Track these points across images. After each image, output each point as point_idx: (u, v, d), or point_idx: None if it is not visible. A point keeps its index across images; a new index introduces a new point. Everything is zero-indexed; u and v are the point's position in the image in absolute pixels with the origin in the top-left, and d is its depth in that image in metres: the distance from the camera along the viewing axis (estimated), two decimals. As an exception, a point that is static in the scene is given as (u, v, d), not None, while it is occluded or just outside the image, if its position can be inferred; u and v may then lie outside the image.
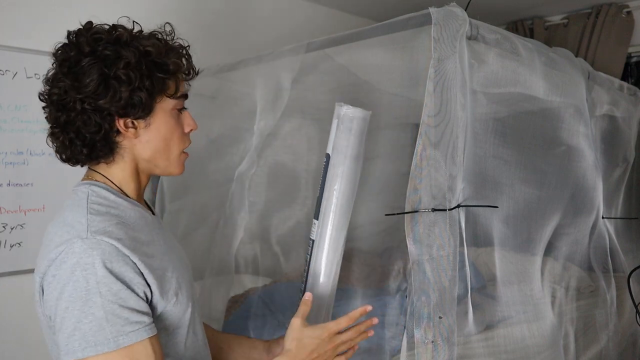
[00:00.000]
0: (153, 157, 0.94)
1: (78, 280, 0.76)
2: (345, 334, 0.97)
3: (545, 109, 1.55)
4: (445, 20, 1.09)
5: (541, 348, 1.52)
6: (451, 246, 1.11)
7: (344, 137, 1.08)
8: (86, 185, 0.92)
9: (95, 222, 0.82)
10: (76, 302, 0.76)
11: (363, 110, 1.09)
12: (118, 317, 0.77)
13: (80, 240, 0.79)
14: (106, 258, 0.78)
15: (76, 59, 0.87)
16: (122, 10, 2.27)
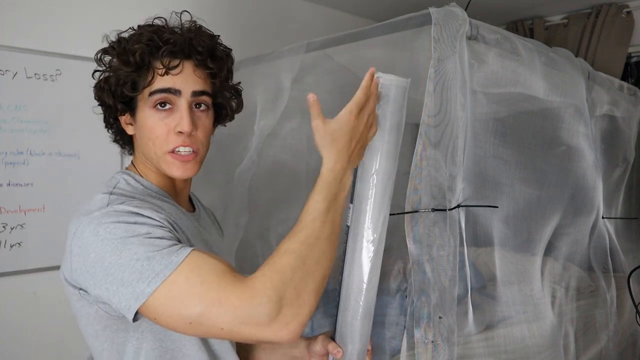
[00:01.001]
0: (146, 153, 0.92)
1: (105, 237, 0.75)
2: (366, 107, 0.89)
3: (545, 109, 1.55)
4: (445, 20, 1.09)
5: (541, 348, 1.52)
6: (451, 246, 1.11)
7: (380, 108, 0.93)
8: (120, 173, 0.94)
9: (115, 201, 0.82)
10: (113, 255, 0.74)
11: (400, 78, 0.96)
12: (159, 246, 0.74)
13: (98, 211, 0.79)
14: (127, 209, 0.78)
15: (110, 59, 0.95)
16: (119, 9, 2.27)
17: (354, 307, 0.96)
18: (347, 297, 0.97)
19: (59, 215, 2.12)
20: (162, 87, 0.87)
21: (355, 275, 0.95)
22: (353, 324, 0.96)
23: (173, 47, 0.87)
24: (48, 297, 2.11)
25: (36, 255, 2.07)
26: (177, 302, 0.72)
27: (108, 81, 0.90)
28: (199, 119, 0.91)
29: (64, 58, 2.11)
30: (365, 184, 0.95)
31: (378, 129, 0.92)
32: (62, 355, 2.15)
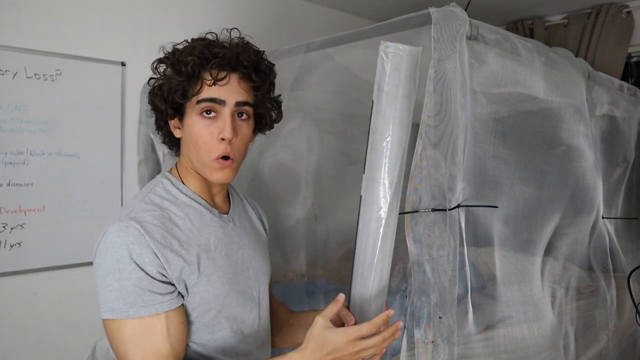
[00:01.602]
0: (191, 157, 1.00)
1: (106, 255, 0.88)
2: (369, 340, 0.90)
3: (545, 109, 1.55)
4: (445, 20, 1.09)
5: (541, 348, 1.52)
6: (451, 246, 1.11)
7: (393, 76, 0.94)
8: (161, 176, 1.04)
9: (138, 209, 0.93)
10: (103, 272, 0.89)
11: (411, 47, 0.96)
12: (130, 294, 0.87)
13: (118, 222, 0.90)
14: (129, 240, 0.88)
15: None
16: (119, 9, 2.27)
17: (367, 276, 0.98)
18: (361, 266, 0.98)
19: (59, 215, 2.12)
20: (208, 96, 0.95)
21: (369, 244, 0.97)
22: (367, 294, 0.97)
23: (221, 61, 0.95)
24: (48, 297, 2.11)
25: (36, 255, 2.07)
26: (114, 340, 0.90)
27: (161, 88, 0.98)
28: (240, 127, 0.99)
29: (64, 58, 2.11)
30: (377, 152, 0.96)
31: (390, 98, 0.96)
32: (62, 355, 2.16)
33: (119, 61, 2.26)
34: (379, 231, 0.96)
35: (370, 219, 0.97)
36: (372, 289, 0.98)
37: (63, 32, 2.11)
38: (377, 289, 0.99)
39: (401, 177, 0.97)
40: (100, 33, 2.21)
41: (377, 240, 0.97)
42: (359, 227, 1.00)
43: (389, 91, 0.95)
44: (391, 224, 0.97)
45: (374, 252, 0.97)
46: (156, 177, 1.05)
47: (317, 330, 0.90)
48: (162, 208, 0.96)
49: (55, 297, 2.12)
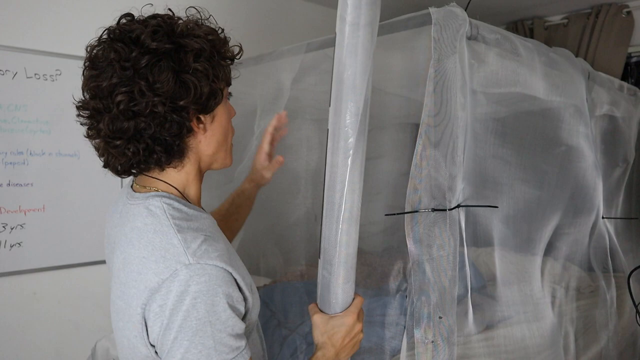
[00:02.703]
0: (216, 151, 0.90)
1: (188, 310, 0.73)
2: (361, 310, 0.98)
3: (545, 109, 1.55)
4: (445, 20, 1.09)
5: (541, 348, 1.52)
6: (451, 246, 1.11)
7: (355, 5, 0.90)
8: (156, 197, 0.84)
9: (188, 242, 0.77)
10: (186, 332, 0.73)
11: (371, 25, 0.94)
12: (224, 346, 0.75)
13: (185, 267, 0.74)
14: (214, 283, 0.75)
15: (139, 58, 0.78)
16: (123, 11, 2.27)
17: (337, 210, 0.94)
18: (330, 200, 0.96)
19: (59, 215, 2.12)
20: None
21: (338, 176, 0.94)
22: (338, 228, 0.94)
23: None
24: (48, 297, 2.11)
25: (36, 255, 2.07)
26: None
27: (213, 74, 0.84)
28: None
29: (64, 58, 2.11)
30: (341, 84, 0.93)
31: (352, 28, 0.92)
32: (62, 355, 2.16)
33: (119, 61, 2.26)
34: (346, 162, 0.92)
35: (338, 150, 0.93)
36: (342, 221, 0.94)
37: (63, 32, 2.11)
38: (349, 220, 0.95)
39: (367, 107, 0.94)
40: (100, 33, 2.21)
41: (346, 171, 0.93)
42: (327, 160, 0.97)
43: (351, 21, 0.91)
44: (359, 154, 0.93)
45: (343, 185, 0.93)
46: (150, 204, 0.84)
47: (322, 325, 0.94)
48: (198, 229, 0.82)
49: (55, 297, 2.12)
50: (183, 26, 0.83)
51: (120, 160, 0.84)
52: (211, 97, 0.84)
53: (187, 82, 0.80)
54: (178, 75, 0.79)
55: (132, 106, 0.78)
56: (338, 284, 0.95)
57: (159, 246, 0.78)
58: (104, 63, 0.80)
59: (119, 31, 0.82)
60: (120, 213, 0.90)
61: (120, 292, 0.81)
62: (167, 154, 0.83)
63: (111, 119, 0.79)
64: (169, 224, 0.80)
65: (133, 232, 0.82)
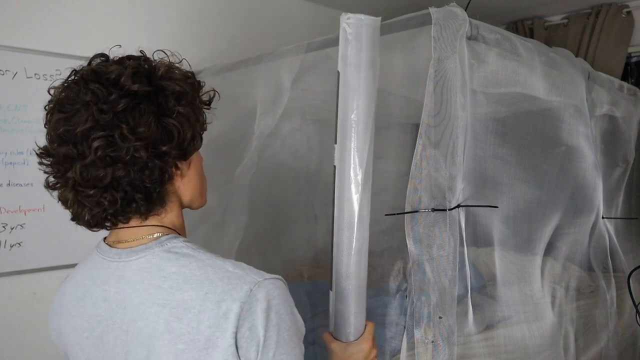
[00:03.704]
0: (193, 196, 0.87)
1: (277, 324, 0.74)
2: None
3: (545, 109, 1.55)
4: (445, 20, 1.09)
5: (541, 348, 1.52)
6: (451, 246, 1.11)
7: (354, 47, 0.95)
8: (173, 240, 0.81)
9: (237, 266, 0.77)
10: (282, 345, 0.74)
11: (371, 17, 0.97)
12: (301, 351, 0.78)
13: (257, 285, 0.73)
14: (285, 294, 0.78)
15: (118, 100, 0.73)
16: (119, 9, 2.27)
17: (347, 244, 0.98)
18: (339, 235, 0.99)
19: (59, 215, 2.11)
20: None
21: (345, 213, 0.98)
22: (347, 261, 0.98)
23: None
24: (48, 297, 2.11)
25: (36, 255, 2.07)
26: None
27: (199, 120, 0.83)
28: None
29: (64, 58, 2.11)
30: (346, 123, 0.97)
31: (353, 68, 0.96)
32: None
33: (119, 61, 2.26)
34: (355, 198, 0.97)
35: (345, 186, 0.97)
36: (352, 254, 0.98)
37: (63, 32, 2.11)
38: (358, 254, 0.98)
39: (371, 146, 1.00)
40: (100, 33, 2.21)
41: (354, 209, 0.97)
42: (335, 196, 1.00)
43: (352, 62, 0.96)
44: (366, 192, 0.98)
45: (352, 222, 0.97)
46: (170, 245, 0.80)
47: (340, 353, 0.99)
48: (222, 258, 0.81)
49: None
50: (163, 68, 0.79)
51: (93, 211, 0.79)
52: (192, 142, 0.81)
53: (170, 126, 0.76)
54: (160, 119, 0.75)
55: (111, 152, 0.72)
56: (351, 313, 1.00)
57: (218, 277, 0.74)
58: (76, 105, 0.74)
59: (94, 72, 0.76)
60: (105, 285, 0.83)
61: (175, 341, 0.74)
62: (147, 202, 0.78)
63: (85, 166, 0.73)
64: (209, 256, 0.78)
65: (171, 280, 0.76)
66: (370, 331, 1.02)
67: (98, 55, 0.81)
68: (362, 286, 1.01)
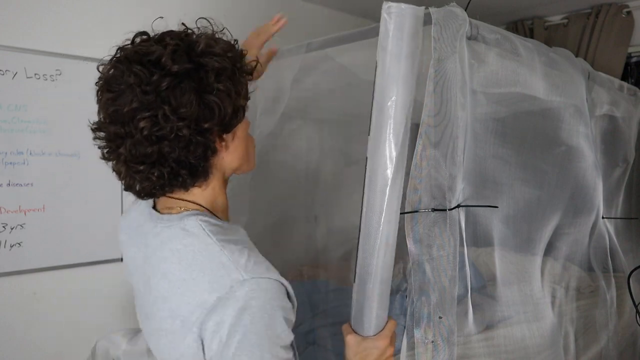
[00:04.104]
0: (239, 164, 0.91)
1: (246, 326, 0.73)
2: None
3: (545, 109, 1.55)
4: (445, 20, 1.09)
5: (541, 348, 1.52)
6: (451, 246, 1.11)
7: (396, 36, 0.92)
8: (191, 217, 0.84)
9: (236, 257, 0.77)
10: (245, 347, 0.73)
11: (416, 7, 0.94)
12: (279, 359, 0.76)
13: (240, 283, 0.74)
14: (270, 298, 0.75)
15: (161, 81, 0.75)
16: (119, 10, 2.27)
17: (374, 239, 0.96)
18: (367, 228, 0.97)
19: (59, 215, 2.12)
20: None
21: (376, 206, 0.96)
22: (373, 255, 0.96)
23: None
24: (48, 297, 2.11)
25: (36, 255, 2.07)
26: None
27: (240, 94, 0.84)
28: None
29: (64, 58, 2.11)
30: (382, 113, 0.93)
31: (393, 58, 0.92)
32: (62, 355, 2.16)
33: (119, 61, 2.26)
34: (385, 191, 0.94)
35: (376, 180, 0.95)
36: (378, 250, 0.96)
37: (63, 32, 2.11)
38: (385, 248, 0.97)
39: (406, 138, 0.96)
40: (100, 33, 2.21)
41: (384, 202, 0.94)
42: (365, 189, 0.97)
43: (392, 51, 0.92)
44: (397, 184, 0.95)
45: (380, 215, 0.95)
46: (186, 224, 0.83)
47: (355, 347, 0.96)
48: (237, 242, 0.81)
49: (55, 297, 2.12)
50: (203, 44, 0.80)
51: (143, 184, 0.83)
52: (234, 116, 0.83)
53: (211, 103, 0.78)
54: (201, 96, 0.77)
55: (156, 131, 0.76)
56: (372, 308, 0.98)
57: (208, 265, 0.77)
58: (122, 86, 0.77)
59: (136, 52, 0.78)
60: (146, 236, 0.89)
61: (169, 314, 0.80)
62: (192, 176, 0.82)
63: (133, 143, 0.77)
64: (212, 242, 0.79)
65: (174, 256, 0.81)
66: (390, 328, 0.99)
67: (140, 34, 0.83)
68: (386, 281, 0.98)
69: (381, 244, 0.96)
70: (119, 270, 2.29)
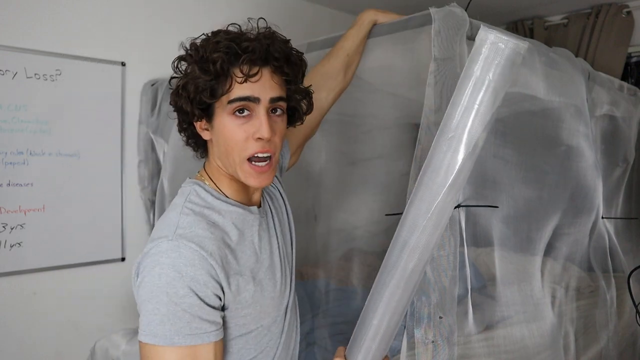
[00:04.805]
0: (222, 157, 0.93)
1: (154, 276, 0.82)
2: None
3: (546, 109, 1.55)
4: (445, 20, 1.09)
5: (541, 348, 1.52)
6: (451, 246, 1.11)
7: (486, 68, 0.84)
8: (191, 184, 0.96)
9: (183, 223, 0.87)
10: (148, 294, 0.82)
11: (518, 42, 0.83)
12: (179, 319, 0.80)
13: (167, 241, 0.84)
14: (181, 262, 0.82)
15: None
16: (119, 10, 2.27)
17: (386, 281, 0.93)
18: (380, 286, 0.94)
19: (59, 215, 2.12)
20: (241, 95, 0.87)
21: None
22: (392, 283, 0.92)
23: (252, 55, 0.87)
24: (48, 297, 2.11)
25: (36, 255, 2.07)
26: None
27: (186, 88, 0.89)
28: (276, 124, 0.92)
29: (64, 58, 2.11)
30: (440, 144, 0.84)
31: (477, 85, 0.84)
32: (62, 355, 2.16)
33: (119, 61, 2.26)
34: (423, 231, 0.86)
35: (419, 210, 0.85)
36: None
37: (63, 32, 2.11)
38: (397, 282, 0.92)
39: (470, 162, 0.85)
40: (100, 33, 2.21)
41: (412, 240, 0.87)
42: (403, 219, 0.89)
43: (478, 78, 0.84)
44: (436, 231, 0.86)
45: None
46: (185, 185, 0.98)
47: None
48: (205, 216, 0.89)
49: (55, 297, 2.12)
50: (205, 39, 0.92)
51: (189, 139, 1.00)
52: (188, 107, 0.91)
53: (182, 89, 0.90)
54: (183, 82, 0.91)
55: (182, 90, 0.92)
56: (370, 349, 0.93)
57: (165, 221, 0.89)
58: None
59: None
60: None
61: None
62: (195, 143, 0.98)
63: (186, 96, 0.92)
64: (182, 205, 0.90)
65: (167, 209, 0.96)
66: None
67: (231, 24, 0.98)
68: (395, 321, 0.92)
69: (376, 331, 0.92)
70: (119, 270, 2.29)
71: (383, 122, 2.29)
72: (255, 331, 0.94)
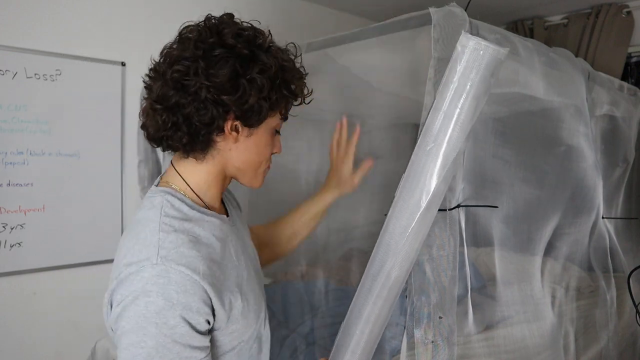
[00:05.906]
0: (243, 167, 0.94)
1: (139, 305, 0.75)
2: None
3: (545, 109, 1.55)
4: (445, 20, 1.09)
5: (541, 348, 1.52)
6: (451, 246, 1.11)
7: (466, 74, 0.83)
8: (162, 193, 0.88)
9: (166, 243, 0.79)
10: (133, 325, 0.75)
11: (498, 47, 0.84)
12: (169, 351, 0.75)
13: (151, 265, 0.76)
14: (172, 288, 0.75)
15: (213, 47, 0.84)
16: (119, 10, 2.27)
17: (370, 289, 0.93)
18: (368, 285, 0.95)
19: (59, 215, 2.12)
20: (286, 117, 0.97)
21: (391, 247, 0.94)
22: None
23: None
24: (48, 297, 2.11)
25: (36, 255, 2.07)
26: None
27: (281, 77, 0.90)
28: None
29: (64, 58, 2.11)
30: (423, 153, 0.86)
31: (456, 95, 0.84)
32: (62, 355, 2.16)
33: (119, 61, 2.26)
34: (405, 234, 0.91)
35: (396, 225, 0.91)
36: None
37: (63, 32, 2.11)
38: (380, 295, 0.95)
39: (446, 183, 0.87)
40: (100, 33, 2.21)
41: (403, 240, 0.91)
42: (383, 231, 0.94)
43: (457, 86, 0.84)
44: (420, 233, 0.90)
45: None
46: (152, 195, 0.90)
47: None
48: (187, 232, 0.83)
49: (55, 297, 2.12)
50: (268, 42, 0.90)
51: (152, 126, 0.88)
52: (254, 111, 0.86)
53: (240, 84, 0.84)
54: (236, 76, 0.83)
55: (183, 79, 0.83)
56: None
57: (141, 241, 0.80)
58: (188, 35, 0.88)
59: (215, 21, 0.90)
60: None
61: (109, 282, 0.84)
62: (190, 139, 0.86)
63: (163, 83, 0.85)
64: (158, 221, 0.82)
65: (133, 223, 0.87)
66: None
67: (227, 14, 0.94)
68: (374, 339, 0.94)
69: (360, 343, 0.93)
70: (119, 270, 2.29)
71: (382, 122, 2.29)
72: (238, 347, 0.91)
